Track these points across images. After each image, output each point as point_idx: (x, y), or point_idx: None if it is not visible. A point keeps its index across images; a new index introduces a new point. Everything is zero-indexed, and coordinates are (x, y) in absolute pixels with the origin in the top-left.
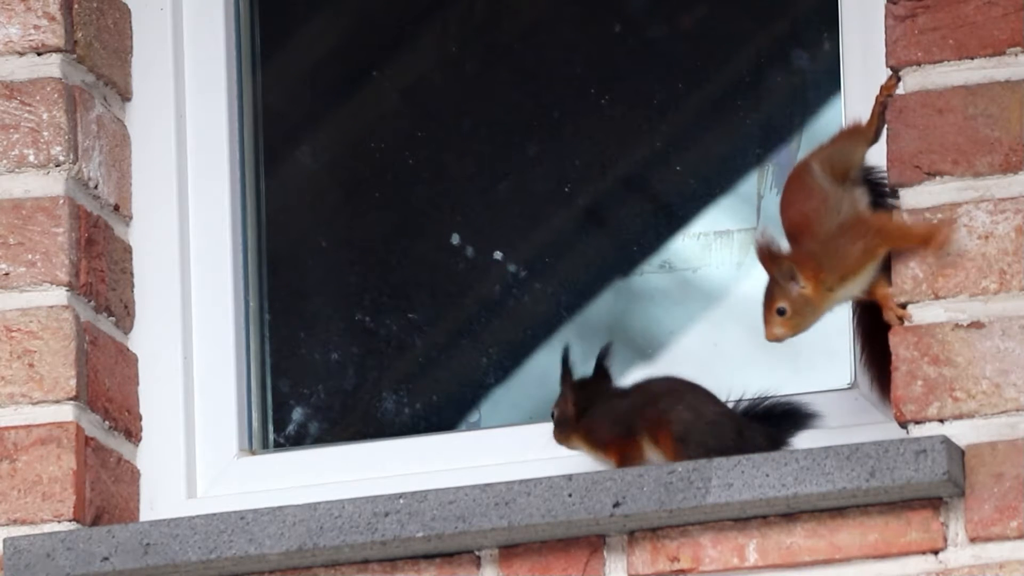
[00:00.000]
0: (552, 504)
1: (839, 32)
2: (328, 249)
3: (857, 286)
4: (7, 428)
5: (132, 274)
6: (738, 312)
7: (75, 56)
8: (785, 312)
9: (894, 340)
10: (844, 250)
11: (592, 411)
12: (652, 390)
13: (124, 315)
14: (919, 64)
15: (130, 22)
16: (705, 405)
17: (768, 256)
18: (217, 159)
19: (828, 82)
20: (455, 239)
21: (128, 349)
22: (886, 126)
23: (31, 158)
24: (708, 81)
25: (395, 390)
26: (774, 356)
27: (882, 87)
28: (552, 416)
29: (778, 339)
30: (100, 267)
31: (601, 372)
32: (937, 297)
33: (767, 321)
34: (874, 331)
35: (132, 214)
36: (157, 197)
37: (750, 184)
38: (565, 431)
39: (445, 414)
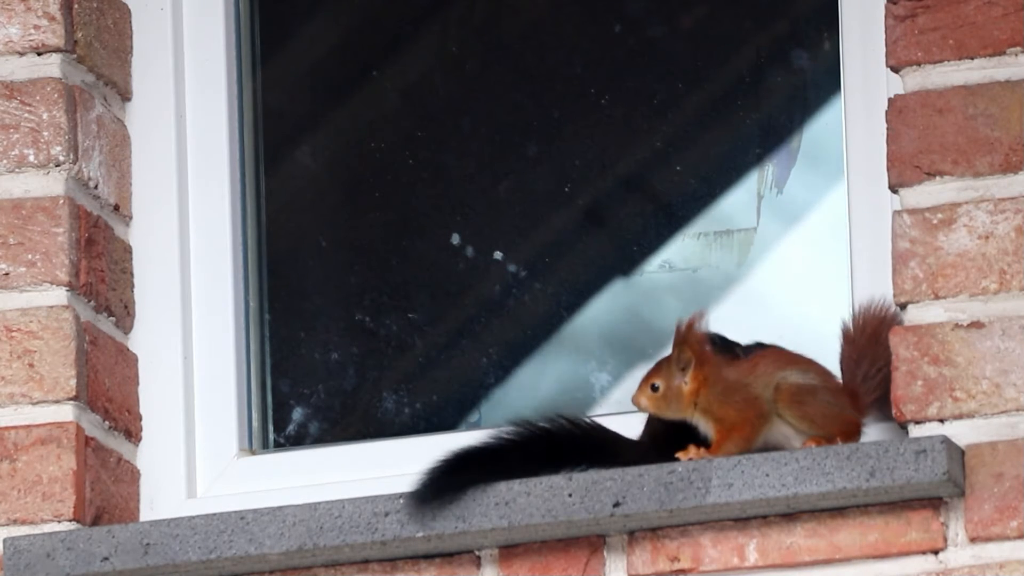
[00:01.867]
0: (552, 504)
1: (839, 32)
2: (328, 249)
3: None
4: (7, 428)
5: (132, 274)
6: (738, 312)
7: (75, 56)
8: (657, 390)
9: (894, 340)
10: (731, 397)
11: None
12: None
13: (124, 315)
14: (919, 64)
15: (130, 22)
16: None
17: (685, 334)
18: (217, 159)
19: (828, 82)
20: (455, 239)
21: (128, 349)
22: (887, 126)
23: (31, 158)
24: (708, 81)
25: (395, 390)
26: None
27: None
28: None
29: (639, 407)
30: (100, 267)
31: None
32: (937, 297)
33: (640, 386)
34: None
35: (132, 214)
36: (157, 197)
37: (750, 184)
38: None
39: (445, 414)
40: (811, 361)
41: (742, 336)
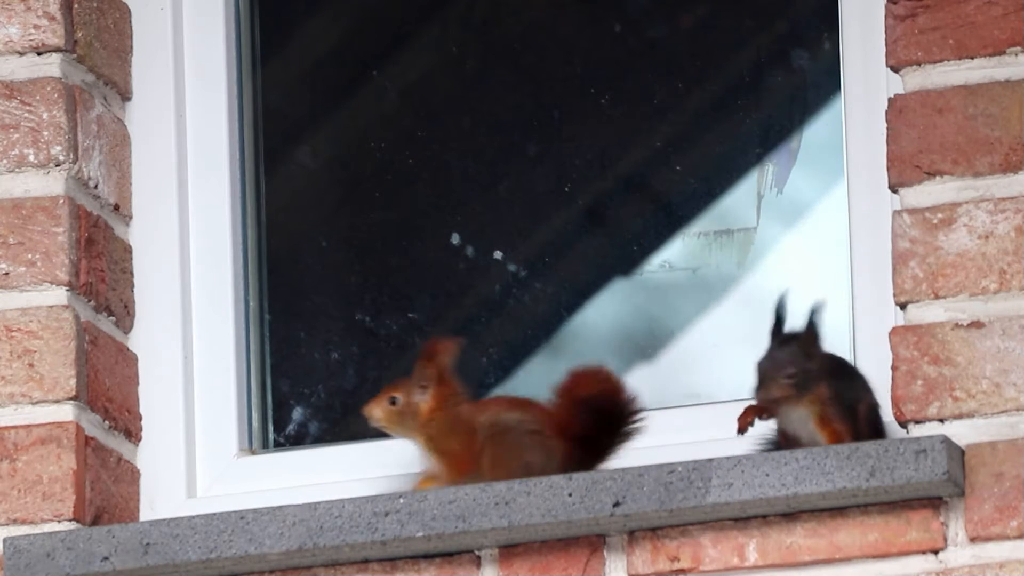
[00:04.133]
0: (552, 504)
1: (839, 32)
2: (328, 249)
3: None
4: (7, 428)
5: (132, 274)
6: (738, 312)
7: (75, 56)
8: (396, 404)
9: (894, 340)
10: (457, 429)
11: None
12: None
13: (124, 315)
14: (919, 64)
15: (130, 22)
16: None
17: (432, 351)
18: (217, 159)
19: (828, 82)
20: (455, 239)
21: (128, 349)
22: (887, 126)
23: (31, 158)
24: (708, 81)
25: None
26: None
27: None
28: (781, 370)
29: (372, 419)
30: (100, 267)
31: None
32: (937, 297)
33: (377, 397)
34: None
35: (132, 214)
36: (157, 197)
37: (750, 184)
38: (805, 389)
39: None
40: (536, 407)
41: (742, 337)
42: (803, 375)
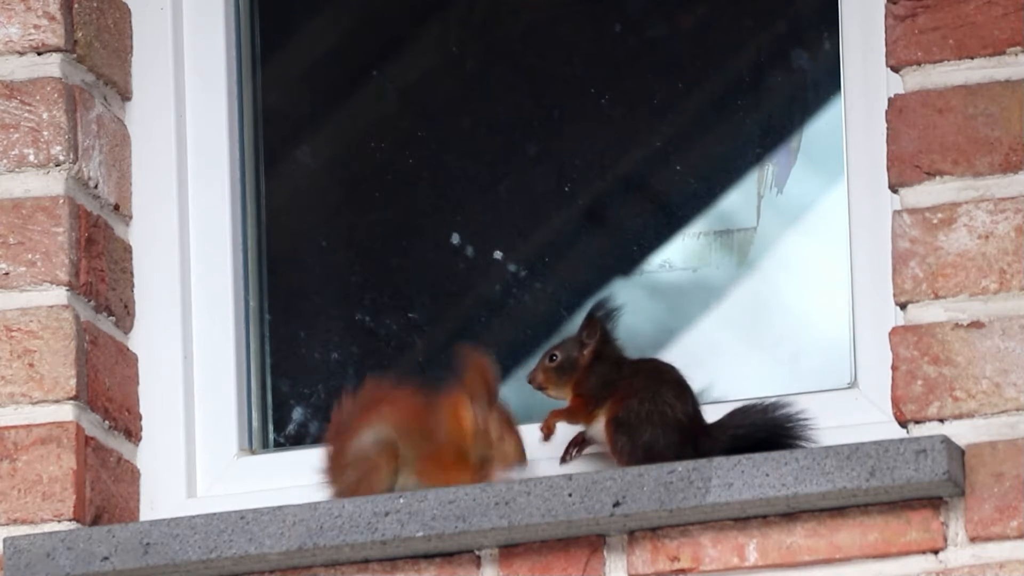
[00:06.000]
0: (552, 504)
1: (839, 32)
2: (328, 249)
3: None
4: (7, 428)
5: (132, 274)
6: (738, 312)
7: (75, 56)
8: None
9: (894, 340)
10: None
11: (593, 369)
12: (640, 368)
13: (124, 315)
14: (919, 64)
15: (130, 22)
16: (671, 404)
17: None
18: (217, 159)
19: (828, 82)
20: (455, 239)
21: (128, 349)
22: (887, 126)
23: (31, 158)
24: (708, 81)
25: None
26: (774, 356)
27: None
28: (551, 358)
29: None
30: (100, 267)
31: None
32: (937, 297)
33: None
34: None
35: (132, 214)
36: (157, 197)
37: (750, 184)
38: (563, 378)
39: None
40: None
41: (742, 336)
42: (567, 362)
